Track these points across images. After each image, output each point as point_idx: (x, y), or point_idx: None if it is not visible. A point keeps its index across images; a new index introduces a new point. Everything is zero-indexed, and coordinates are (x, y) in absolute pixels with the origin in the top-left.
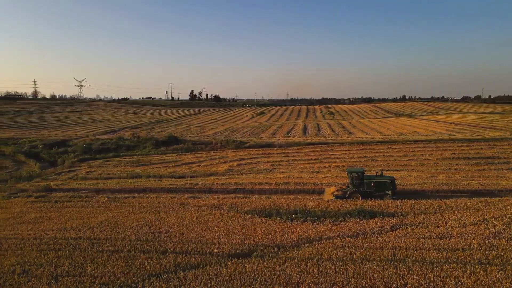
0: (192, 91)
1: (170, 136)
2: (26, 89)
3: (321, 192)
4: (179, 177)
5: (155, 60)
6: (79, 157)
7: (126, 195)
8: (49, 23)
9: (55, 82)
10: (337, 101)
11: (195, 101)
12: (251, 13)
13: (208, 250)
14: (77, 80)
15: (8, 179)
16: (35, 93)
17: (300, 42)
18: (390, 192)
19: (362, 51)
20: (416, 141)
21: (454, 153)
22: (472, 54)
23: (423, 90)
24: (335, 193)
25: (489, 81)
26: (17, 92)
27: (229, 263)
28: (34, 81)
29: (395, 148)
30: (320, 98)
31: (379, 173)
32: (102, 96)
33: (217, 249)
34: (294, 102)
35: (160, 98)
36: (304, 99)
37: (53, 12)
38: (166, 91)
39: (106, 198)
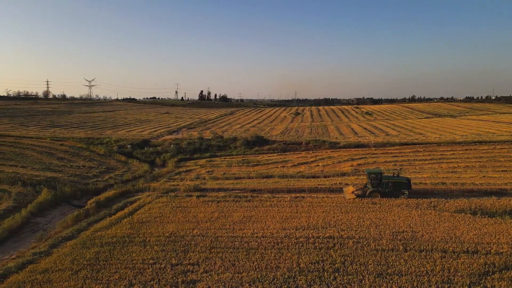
0: (202, 91)
1: (257, 136)
2: (36, 89)
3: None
4: (313, 177)
5: (159, 60)
6: (177, 157)
7: (292, 195)
8: (55, 24)
9: (64, 82)
10: (339, 101)
11: (205, 101)
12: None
13: (492, 250)
14: (87, 80)
15: (131, 179)
16: (46, 93)
17: (300, 42)
18: (406, 192)
19: (363, 51)
20: None
21: None
22: (475, 55)
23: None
24: (355, 192)
25: (488, 82)
26: (27, 92)
27: None
28: (47, 81)
29: (502, 149)
30: (323, 98)
31: (395, 174)
32: (102, 96)
33: (500, 249)
34: (299, 102)
35: (167, 98)
36: (306, 99)
37: (59, 13)
38: (176, 91)
39: (289, 198)
